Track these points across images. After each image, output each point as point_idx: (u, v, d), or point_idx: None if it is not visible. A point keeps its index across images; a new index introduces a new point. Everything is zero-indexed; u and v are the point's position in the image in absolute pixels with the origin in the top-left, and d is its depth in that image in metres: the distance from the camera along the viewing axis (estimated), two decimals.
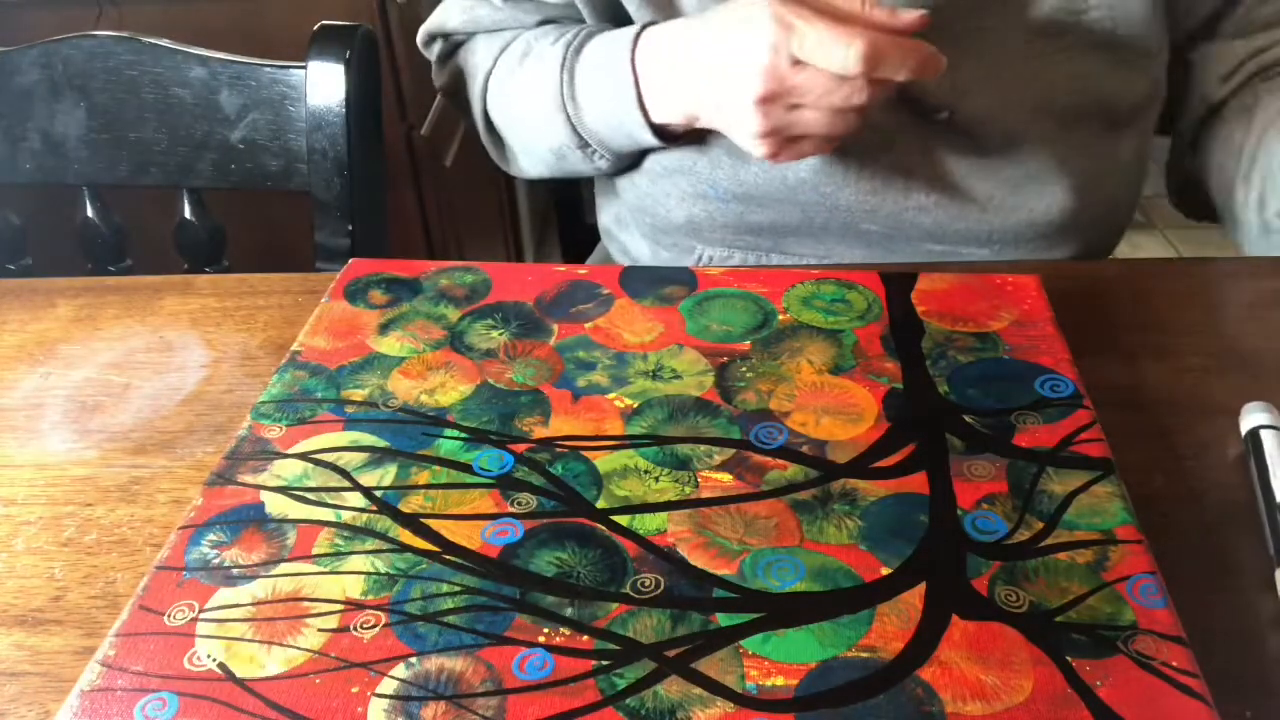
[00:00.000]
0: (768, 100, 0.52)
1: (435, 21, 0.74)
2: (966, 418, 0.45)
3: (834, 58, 0.49)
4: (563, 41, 0.64)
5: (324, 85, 0.77)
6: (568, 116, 0.63)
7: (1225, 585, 0.40)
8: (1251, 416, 0.46)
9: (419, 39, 0.77)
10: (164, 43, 0.80)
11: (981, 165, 0.62)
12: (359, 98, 0.77)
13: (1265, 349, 0.52)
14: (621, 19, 0.65)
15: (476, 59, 0.71)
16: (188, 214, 0.84)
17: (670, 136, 0.62)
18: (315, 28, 0.78)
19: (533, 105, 0.66)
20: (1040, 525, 0.40)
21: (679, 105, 0.59)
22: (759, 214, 0.66)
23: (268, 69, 0.79)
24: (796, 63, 0.51)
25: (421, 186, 1.48)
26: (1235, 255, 0.64)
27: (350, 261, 0.58)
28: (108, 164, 0.83)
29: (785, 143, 0.55)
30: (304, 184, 0.80)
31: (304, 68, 0.77)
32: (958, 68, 0.59)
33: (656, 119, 0.61)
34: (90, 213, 0.86)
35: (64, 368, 0.56)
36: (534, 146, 0.69)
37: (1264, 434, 0.45)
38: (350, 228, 0.81)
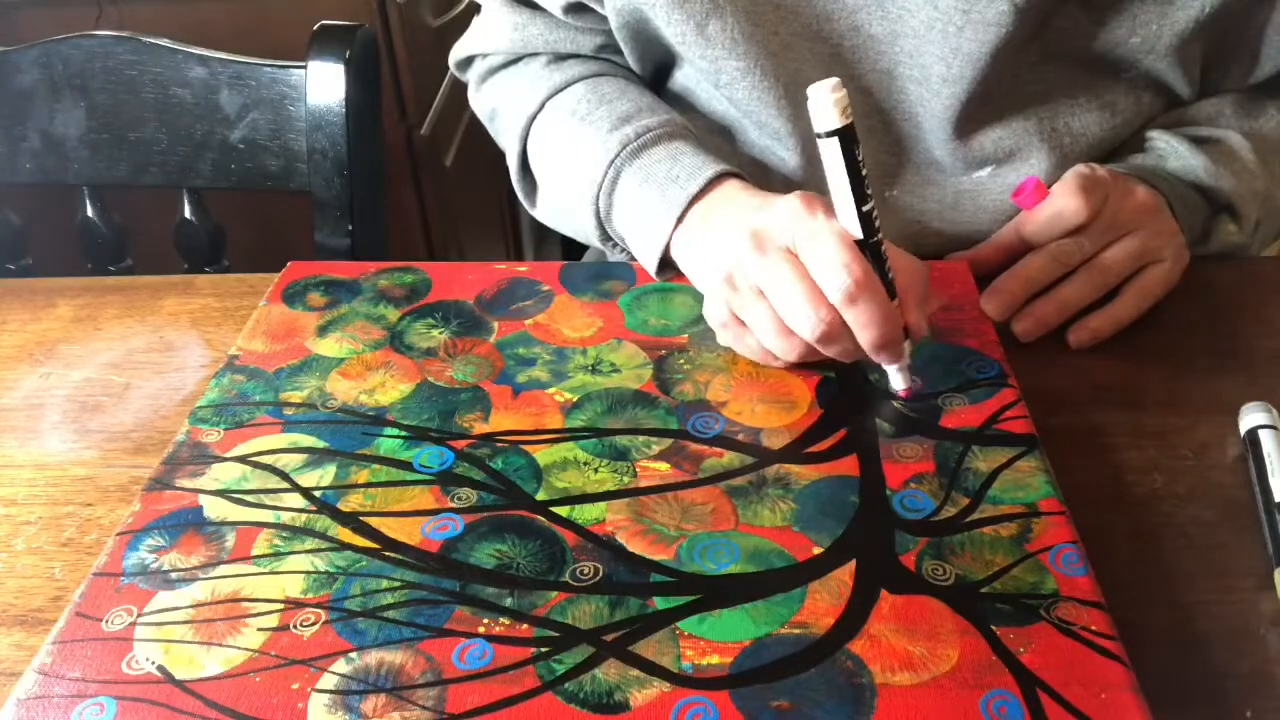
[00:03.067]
0: (728, 284, 0.48)
1: (475, 43, 0.68)
2: (895, 402, 0.46)
3: (794, 321, 0.44)
4: (620, 134, 0.57)
5: (324, 85, 0.77)
6: (598, 209, 0.58)
7: (1225, 585, 0.40)
8: (1250, 416, 0.46)
9: (453, 60, 0.71)
10: (164, 43, 0.80)
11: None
12: (359, 98, 0.77)
13: (1265, 349, 0.53)
14: (656, 53, 0.63)
15: (521, 91, 0.65)
16: (188, 214, 0.84)
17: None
18: (315, 28, 0.78)
19: (569, 178, 0.60)
20: (966, 501, 0.41)
21: (690, 257, 0.54)
22: None
23: (268, 69, 0.79)
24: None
25: (421, 186, 1.47)
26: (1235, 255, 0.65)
27: (288, 265, 0.58)
28: (108, 164, 0.83)
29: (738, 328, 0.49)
30: (304, 184, 0.80)
31: (304, 68, 0.77)
32: (1008, 123, 0.58)
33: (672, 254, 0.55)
34: (90, 213, 0.86)
35: (64, 368, 0.56)
36: (562, 213, 0.64)
37: (1262, 434, 0.45)
38: (350, 228, 0.81)
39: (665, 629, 0.36)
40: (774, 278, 0.44)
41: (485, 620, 0.37)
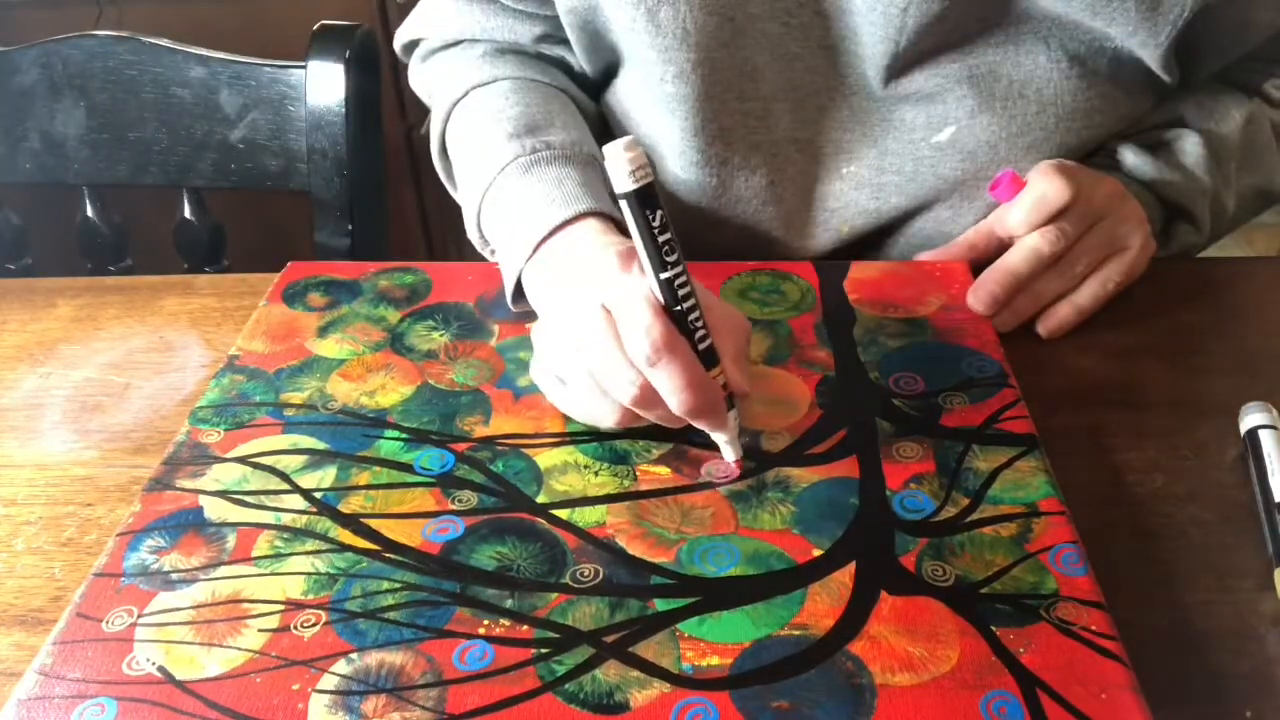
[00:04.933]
0: (553, 338, 0.46)
1: (416, 27, 0.69)
2: (896, 401, 0.46)
3: (607, 385, 0.43)
4: (519, 144, 0.55)
5: (324, 85, 0.77)
6: (479, 210, 0.57)
7: (1225, 585, 0.40)
8: (1250, 417, 0.46)
9: (397, 43, 0.72)
10: (164, 43, 0.80)
11: (973, 189, 0.59)
12: (358, 97, 0.77)
13: (1265, 349, 0.53)
14: (603, 48, 0.62)
15: (454, 74, 0.64)
16: (188, 214, 0.85)
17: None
18: (315, 28, 0.78)
19: (466, 171, 0.59)
20: (966, 501, 0.41)
21: (533, 300, 0.52)
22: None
23: (268, 69, 0.79)
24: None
25: (421, 186, 1.47)
26: (1235, 255, 0.64)
27: (288, 265, 0.58)
28: (108, 164, 0.83)
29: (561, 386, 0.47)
30: (304, 184, 0.80)
31: (304, 67, 0.77)
32: (976, 81, 0.56)
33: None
34: (90, 213, 0.86)
35: (64, 368, 0.56)
36: (463, 202, 0.61)
37: (1262, 434, 0.45)
38: (350, 227, 0.81)
39: (665, 630, 0.36)
40: (589, 338, 0.42)
41: (486, 621, 0.37)
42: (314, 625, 0.37)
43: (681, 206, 0.63)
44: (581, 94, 0.65)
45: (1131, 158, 0.59)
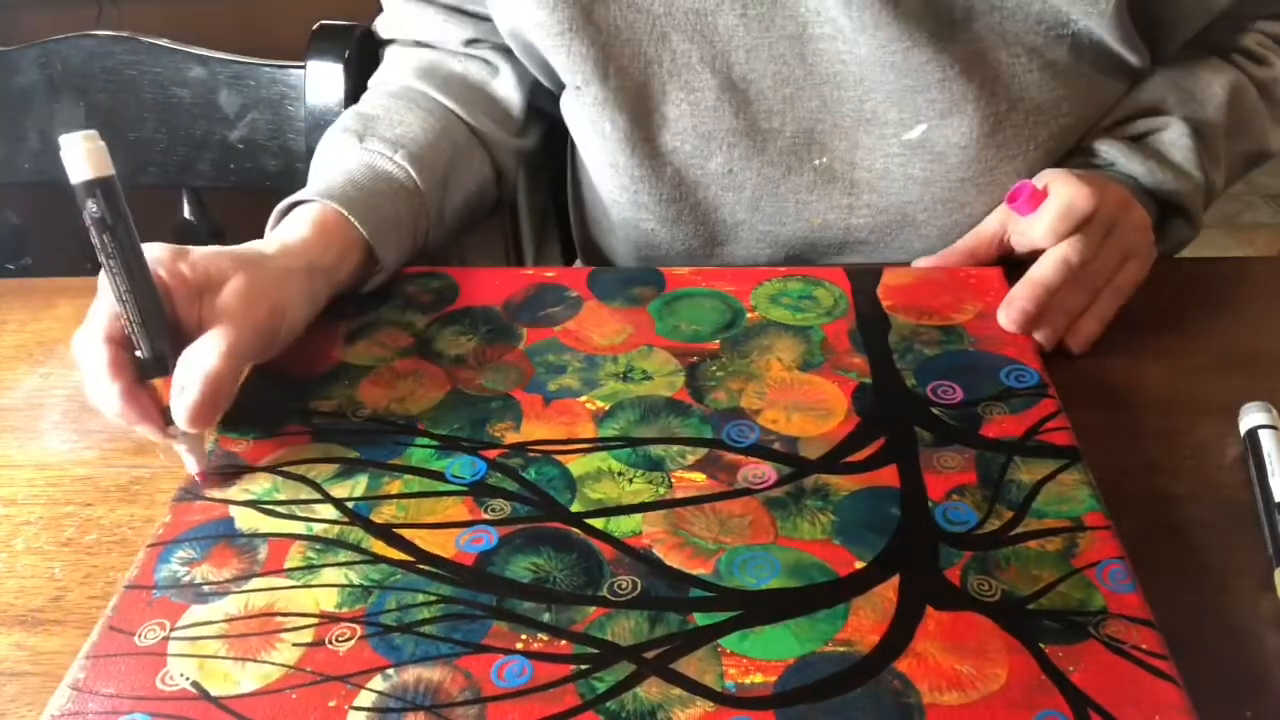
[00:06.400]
0: None
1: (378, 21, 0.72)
2: (934, 410, 0.45)
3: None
4: (313, 186, 0.59)
5: (323, 85, 0.77)
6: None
7: (1225, 585, 0.40)
8: (1250, 417, 0.46)
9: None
10: (164, 43, 0.80)
11: (945, 191, 0.59)
12: (358, 98, 0.77)
13: (1265, 349, 0.52)
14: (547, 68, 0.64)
15: (379, 76, 0.68)
16: (187, 214, 0.84)
17: None
18: (314, 27, 0.78)
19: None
20: (1010, 514, 0.40)
21: None
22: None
23: (267, 69, 0.79)
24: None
25: None
26: (1235, 255, 0.64)
27: None
28: None
29: None
30: (303, 184, 0.80)
31: (303, 67, 0.77)
32: (938, 75, 0.56)
33: None
34: None
35: (64, 368, 0.56)
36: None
37: (1262, 434, 0.45)
38: None
39: (707, 646, 0.36)
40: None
41: (524, 636, 0.36)
42: (349, 639, 0.36)
43: (639, 191, 0.63)
44: (481, 120, 0.66)
45: (1122, 160, 0.58)
